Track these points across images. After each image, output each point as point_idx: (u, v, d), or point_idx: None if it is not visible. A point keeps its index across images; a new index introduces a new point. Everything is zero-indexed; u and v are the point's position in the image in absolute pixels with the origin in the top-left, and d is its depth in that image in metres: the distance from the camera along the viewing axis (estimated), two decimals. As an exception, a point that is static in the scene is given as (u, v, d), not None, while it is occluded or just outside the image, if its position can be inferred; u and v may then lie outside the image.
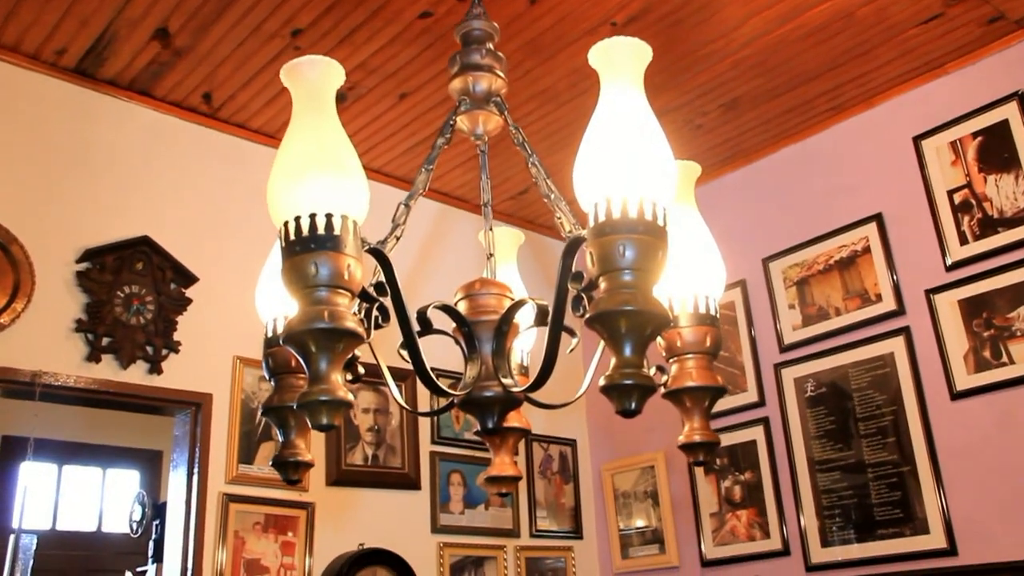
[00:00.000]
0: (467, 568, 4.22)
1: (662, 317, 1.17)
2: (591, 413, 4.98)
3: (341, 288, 1.21)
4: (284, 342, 1.19)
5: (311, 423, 1.16)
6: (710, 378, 1.52)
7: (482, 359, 1.44)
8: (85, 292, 3.47)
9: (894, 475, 3.77)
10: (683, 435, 1.54)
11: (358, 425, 4.05)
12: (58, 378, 3.35)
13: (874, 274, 4.00)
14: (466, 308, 1.48)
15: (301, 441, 1.53)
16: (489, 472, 1.69)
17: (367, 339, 1.23)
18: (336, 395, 1.16)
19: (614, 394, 1.15)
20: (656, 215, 1.22)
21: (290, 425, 1.52)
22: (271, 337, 1.56)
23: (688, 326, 1.55)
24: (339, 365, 1.19)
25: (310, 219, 1.22)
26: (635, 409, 1.15)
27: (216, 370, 3.73)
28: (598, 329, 1.19)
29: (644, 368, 1.17)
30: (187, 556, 3.50)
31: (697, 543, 4.37)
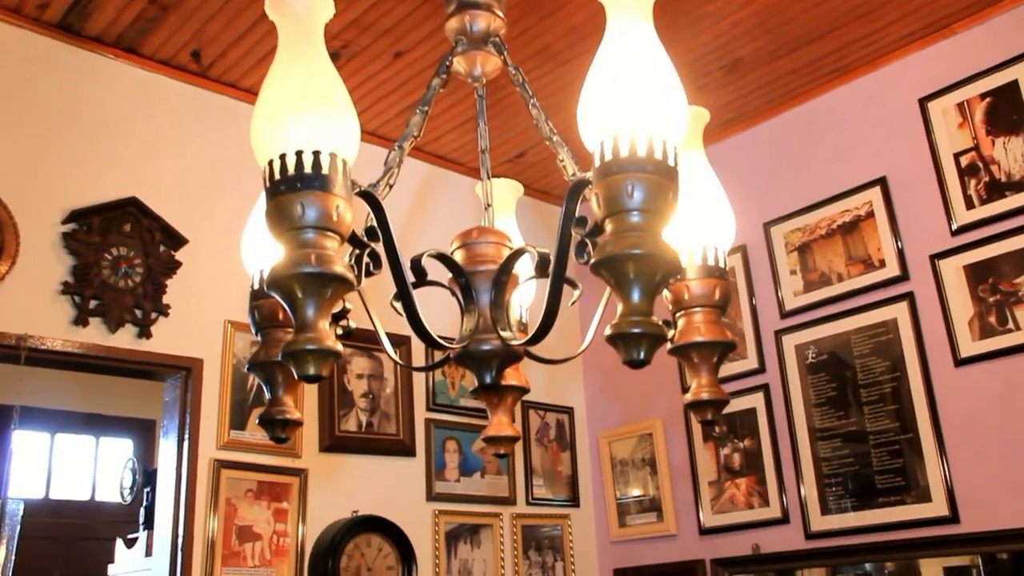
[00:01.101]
0: (462, 536, 4.17)
1: (673, 262, 1.10)
2: (588, 380, 4.92)
3: (329, 231, 1.13)
4: (268, 288, 1.12)
5: (297, 373, 1.09)
6: (719, 332, 1.45)
7: (479, 311, 1.37)
8: (71, 254, 3.39)
9: (896, 443, 3.72)
10: (690, 393, 1.47)
11: (352, 391, 3.98)
12: (44, 342, 3.27)
13: (877, 239, 3.92)
14: (463, 257, 1.41)
15: (289, 398, 1.45)
16: (487, 432, 1.62)
17: (357, 286, 1.15)
18: (324, 344, 1.08)
19: (621, 343, 1.08)
20: (666, 154, 1.14)
21: (277, 381, 1.45)
22: (257, 289, 1.49)
23: (696, 278, 1.47)
24: (327, 313, 1.12)
25: (296, 157, 1.14)
26: (643, 359, 1.08)
27: (207, 334, 3.66)
28: (604, 275, 1.11)
29: (653, 316, 1.09)
30: (178, 523, 3.44)
31: (695, 511, 4.32)
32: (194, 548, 3.41)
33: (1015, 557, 3.41)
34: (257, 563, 3.54)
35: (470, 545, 4.18)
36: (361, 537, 3.74)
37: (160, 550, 3.51)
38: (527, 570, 4.36)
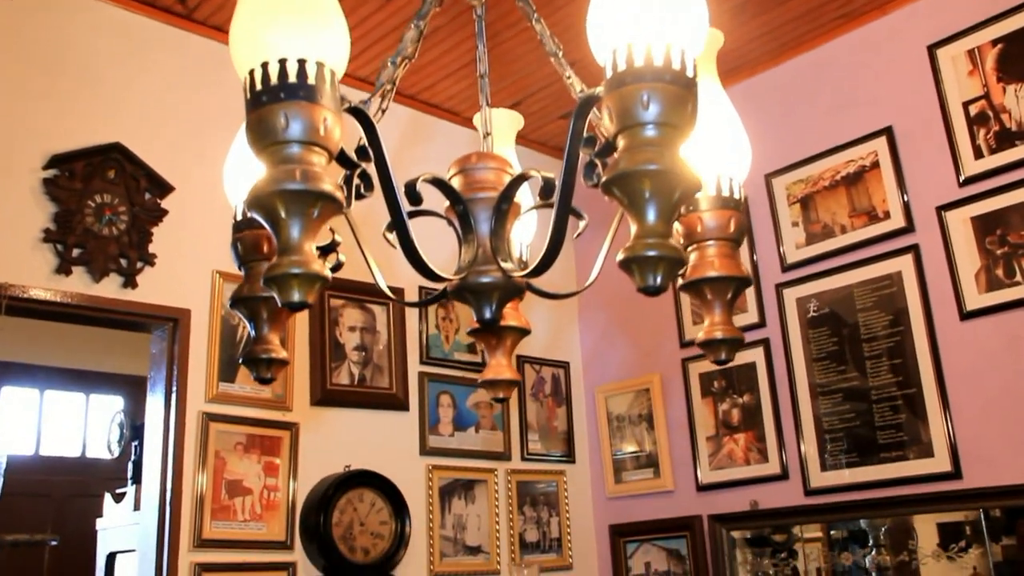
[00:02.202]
0: (456, 491, 4.11)
1: (692, 180, 1.00)
2: (585, 334, 4.84)
3: (316, 145, 1.04)
4: (249, 207, 1.02)
5: (280, 299, 1.00)
6: (734, 267, 1.36)
7: (478, 241, 1.27)
8: (53, 200, 3.28)
9: (898, 398, 3.65)
10: (703, 331, 1.39)
11: (344, 344, 3.90)
12: (25, 291, 3.17)
13: (882, 190, 3.83)
14: (461, 184, 1.31)
15: (275, 336, 1.36)
16: (485, 375, 1.53)
17: (346, 208, 1.05)
18: (310, 267, 0.99)
19: (635, 267, 0.98)
20: (685, 64, 1.04)
21: (262, 318, 1.35)
22: (240, 220, 1.40)
23: (709, 210, 1.38)
24: (313, 234, 1.02)
25: (280, 65, 1.05)
26: (660, 285, 0.98)
27: (194, 285, 3.56)
28: (616, 195, 1.02)
29: (671, 238, 1.00)
30: (166, 477, 3.37)
31: (693, 467, 4.26)
32: (183, 502, 3.34)
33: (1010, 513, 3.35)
34: (247, 517, 3.47)
35: (464, 500, 4.12)
36: (353, 492, 3.68)
37: (148, 504, 3.44)
38: (522, 526, 4.30)
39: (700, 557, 4.13)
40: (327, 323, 3.86)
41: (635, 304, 4.62)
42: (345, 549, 3.59)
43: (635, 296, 4.29)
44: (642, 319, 4.57)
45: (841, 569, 3.86)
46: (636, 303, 4.61)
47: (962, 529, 3.52)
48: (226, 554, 3.39)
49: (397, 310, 4.08)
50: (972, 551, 3.43)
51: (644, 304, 4.57)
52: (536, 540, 4.34)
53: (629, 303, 4.66)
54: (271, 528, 3.52)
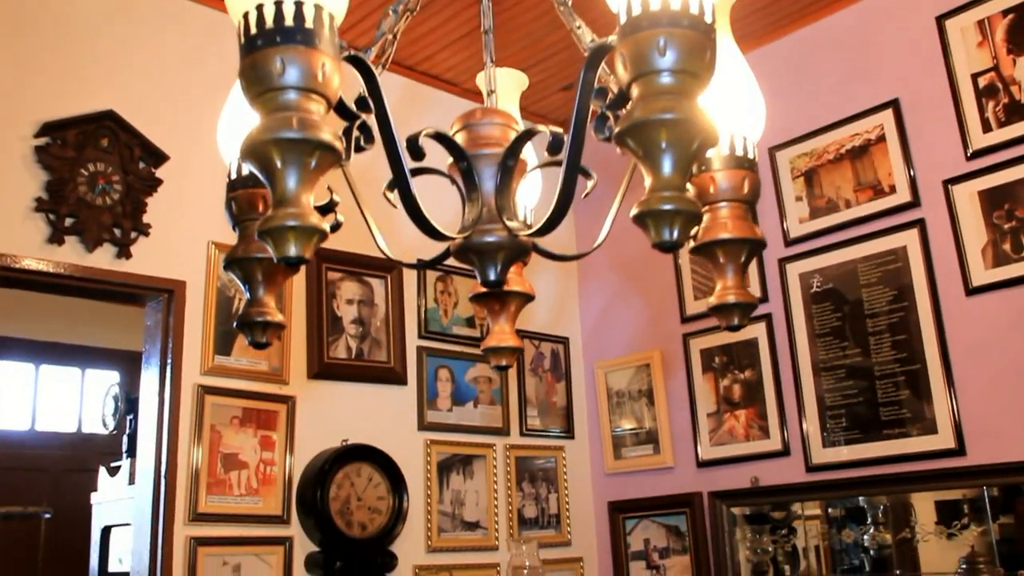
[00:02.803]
0: (455, 466, 4.07)
1: (711, 131, 0.95)
2: (585, 309, 4.79)
3: (314, 92, 0.98)
4: (243, 157, 0.97)
5: (276, 253, 0.94)
6: (747, 229, 1.31)
7: (483, 199, 1.22)
8: (45, 169, 3.21)
9: (902, 374, 3.61)
10: (715, 295, 1.33)
11: (341, 317, 3.85)
12: (17, 260, 3.12)
13: (888, 164, 3.77)
14: (465, 139, 1.25)
15: (270, 298, 1.31)
16: (487, 342, 1.48)
17: (345, 160, 1.00)
18: (307, 220, 0.94)
19: (650, 222, 0.93)
20: (703, 8, 0.99)
21: (257, 279, 1.30)
22: (234, 179, 1.34)
23: (723, 169, 1.33)
24: (310, 186, 0.97)
25: (276, 7, 0.99)
26: (676, 240, 0.93)
27: (190, 256, 3.51)
28: (630, 146, 0.97)
29: (688, 192, 0.94)
30: (161, 450, 3.33)
31: (693, 443, 4.22)
32: (178, 475, 3.30)
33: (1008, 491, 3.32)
34: (243, 492, 3.43)
35: (463, 476, 4.08)
36: (351, 466, 3.64)
37: (143, 478, 3.40)
38: (520, 502, 4.27)
39: (700, 534, 4.10)
40: (324, 296, 3.80)
41: (636, 279, 4.58)
42: (342, 524, 3.55)
43: (636, 270, 4.25)
44: (643, 294, 4.52)
45: (841, 546, 3.83)
46: (637, 277, 4.57)
47: (962, 507, 3.49)
48: (222, 528, 3.36)
49: (395, 283, 4.03)
50: (972, 529, 3.40)
51: (645, 278, 4.52)
52: (535, 516, 4.31)
53: (630, 277, 4.61)
54: (267, 502, 3.49)
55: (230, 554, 3.36)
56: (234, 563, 3.37)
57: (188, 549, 3.25)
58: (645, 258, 4.54)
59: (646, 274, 4.52)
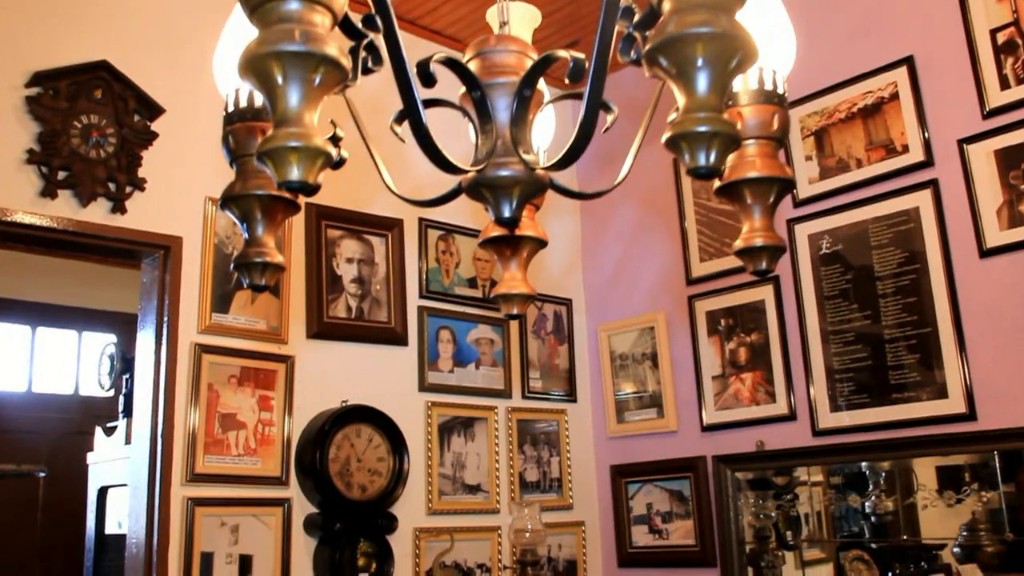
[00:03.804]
0: (456, 429, 4.01)
1: (751, 45, 0.87)
2: (588, 271, 4.72)
3: (318, 3, 0.90)
4: (242, 73, 0.89)
5: (278, 176, 0.86)
6: (777, 167, 1.23)
7: (497, 131, 1.14)
8: (37, 120, 3.12)
9: (913, 337, 3.54)
10: (741, 238, 1.26)
11: (341, 275, 3.77)
12: (8, 214, 3.04)
13: (901, 122, 3.68)
14: (478, 68, 1.17)
15: (270, 238, 1.24)
16: (498, 289, 1.41)
17: (351, 79, 0.92)
18: (311, 141, 0.86)
19: (685, 145, 0.86)
20: (741, -84, 0.91)
21: (256, 218, 1.23)
22: (232, 112, 1.26)
23: (751, 104, 1.25)
24: (314, 105, 0.89)
25: (276, -90, 0.90)
26: (713, 165, 0.86)
27: (186, 211, 3.43)
28: (661, 65, 0.89)
29: (724, 113, 0.87)
30: (157, 409, 3.27)
31: (697, 407, 4.16)
32: (175, 435, 3.24)
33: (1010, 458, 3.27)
34: (241, 452, 3.38)
35: (464, 438, 4.03)
36: (350, 427, 3.58)
37: (140, 438, 3.34)
38: (522, 465, 4.22)
39: (704, 498, 4.05)
40: (323, 254, 3.73)
41: (640, 239, 4.50)
42: (342, 485, 3.50)
43: (641, 231, 4.16)
44: (647, 255, 4.45)
45: (846, 511, 3.79)
46: (641, 238, 4.49)
47: (970, 471, 3.44)
48: (219, 489, 3.30)
49: (396, 242, 3.95)
50: (974, 496, 3.36)
51: (650, 239, 4.45)
52: (536, 480, 4.26)
53: (634, 238, 4.53)
54: (266, 463, 3.43)
55: (228, 515, 3.31)
56: (232, 524, 3.32)
57: (186, 509, 3.20)
58: (650, 218, 4.47)
59: (651, 235, 4.44)
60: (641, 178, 4.51)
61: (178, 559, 3.17)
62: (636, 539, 4.30)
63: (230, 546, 3.30)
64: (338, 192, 3.79)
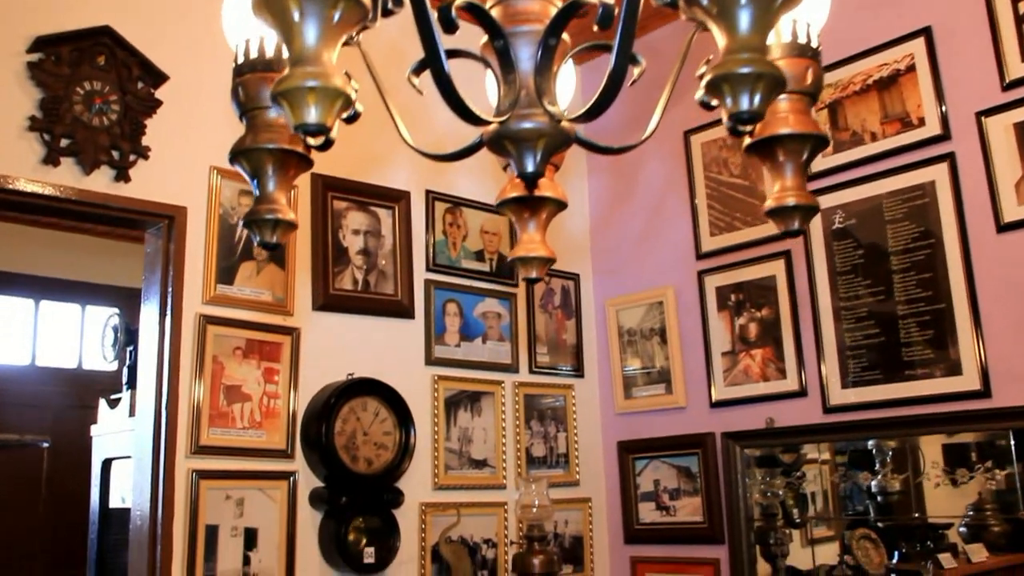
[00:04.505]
0: (463, 403, 3.97)
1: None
2: (596, 245, 4.66)
3: (336, -63, 0.85)
4: (256, 8, 0.84)
5: (294, 119, 0.81)
6: (810, 124, 1.18)
7: (520, 81, 1.09)
8: (39, 86, 3.07)
9: (927, 313, 3.49)
10: (772, 198, 1.21)
11: (347, 247, 3.72)
12: (10, 182, 2.98)
13: (918, 95, 3.62)
14: (501, 15, 1.12)
15: (281, 194, 1.19)
16: (516, 252, 1.36)
17: (370, 19, 0.87)
18: (330, 81, 0.81)
19: (726, 87, 0.81)
20: None
21: (267, 173, 1.18)
22: (242, 63, 1.21)
23: (783, 58, 1.20)
24: (333, 43, 0.84)
25: None
26: (756, 110, 0.80)
27: (191, 181, 3.37)
28: (701, 5, 0.84)
29: (767, 54, 0.82)
30: (161, 381, 3.23)
31: (706, 383, 4.12)
32: (179, 407, 3.20)
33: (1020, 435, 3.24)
34: (246, 425, 3.34)
35: (470, 413, 3.99)
36: (357, 400, 3.54)
37: (144, 409, 3.30)
38: (529, 440, 4.18)
39: (712, 475, 4.01)
40: (329, 225, 3.68)
41: (649, 213, 4.45)
42: (347, 459, 3.46)
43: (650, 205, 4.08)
44: (656, 229, 4.39)
45: (853, 490, 3.76)
46: (651, 212, 4.44)
47: (981, 450, 3.41)
48: (224, 461, 3.27)
49: (403, 214, 3.89)
50: (999, 471, 3.32)
51: (659, 213, 4.39)
52: (543, 455, 4.23)
53: (643, 212, 4.48)
54: (271, 436, 3.40)
55: (233, 488, 3.27)
56: (237, 497, 3.29)
57: (190, 482, 3.17)
58: (660, 192, 4.41)
59: (660, 209, 4.39)
60: (651, 151, 4.45)
61: (183, 532, 3.14)
62: (643, 516, 4.27)
63: (235, 519, 3.27)
64: (345, 163, 3.74)
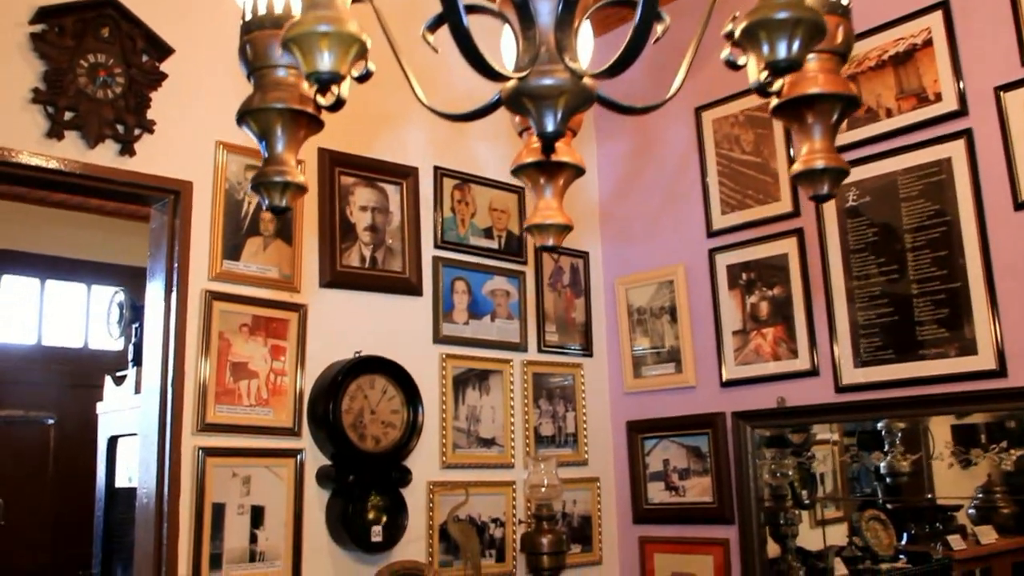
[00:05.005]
0: (471, 381, 3.94)
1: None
2: (606, 223, 4.62)
3: None
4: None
5: (306, 66, 0.77)
6: (840, 84, 1.14)
7: (540, 36, 1.04)
8: (42, 58, 3.02)
9: (942, 292, 3.44)
10: (800, 161, 1.16)
11: (355, 223, 3.68)
12: (14, 155, 2.94)
13: (935, 70, 3.55)
14: (520, -33, 1.07)
15: (290, 155, 1.14)
16: (532, 219, 1.32)
17: (387, -35, 0.82)
18: (344, 26, 0.76)
19: (763, 34, 0.76)
20: None
21: (276, 133, 1.13)
22: (251, 20, 1.16)
23: (814, 15, 1.14)
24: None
25: None
26: (794, 58, 0.76)
27: (196, 156, 3.33)
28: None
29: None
30: (167, 357, 3.20)
31: (717, 362, 4.08)
32: (185, 384, 3.18)
33: None
34: (253, 402, 3.31)
35: (478, 391, 3.96)
36: (364, 378, 3.51)
37: (150, 387, 3.28)
38: (537, 419, 4.15)
39: (722, 455, 3.98)
40: (337, 201, 3.63)
41: (660, 191, 4.40)
42: (355, 437, 3.43)
43: (660, 182, 4.02)
44: (667, 207, 4.35)
45: (863, 471, 3.73)
46: (661, 189, 4.39)
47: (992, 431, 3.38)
48: (231, 439, 3.24)
49: (411, 190, 3.85)
50: (1013, 451, 3.28)
51: (669, 190, 4.35)
52: (551, 434, 4.19)
53: (653, 189, 4.43)
54: (278, 414, 3.37)
55: (239, 465, 3.25)
56: (244, 475, 3.26)
57: (196, 459, 3.14)
58: (670, 169, 4.36)
59: (671, 186, 4.34)
60: (662, 127, 4.40)
61: (189, 509, 3.11)
62: (652, 496, 4.24)
63: (242, 497, 3.25)
64: (352, 138, 3.69)
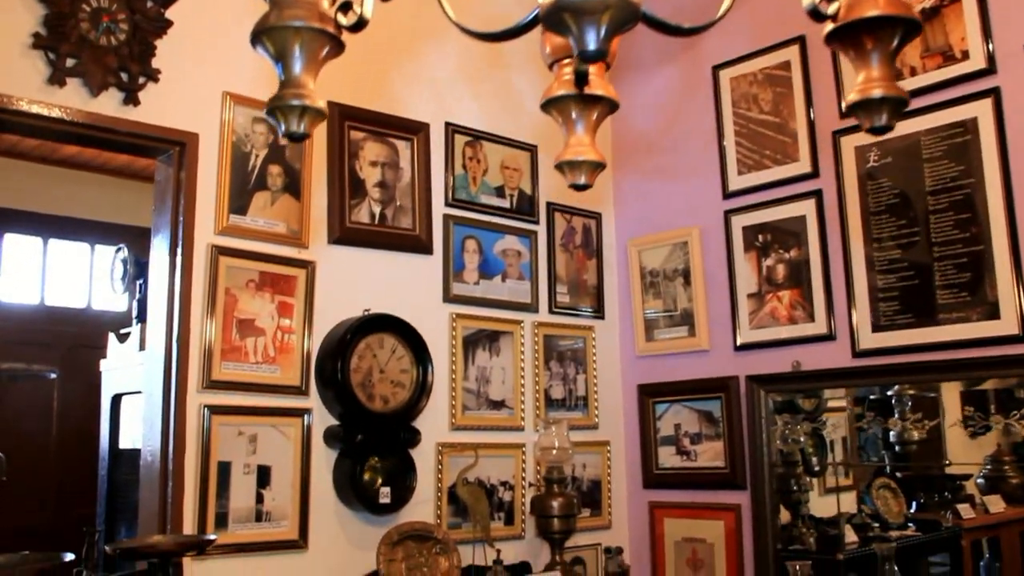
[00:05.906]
0: (481, 342, 3.87)
1: None
2: (619, 182, 4.52)
3: None
4: None
5: None
6: (901, 6, 1.06)
7: (583, -53, 0.95)
8: (42, 2, 2.93)
9: (964, 255, 3.36)
10: (855, 90, 1.08)
11: (364, 179, 3.60)
12: (14, 102, 2.86)
13: (962, 27, 3.45)
14: None
15: (309, 78, 1.06)
16: (563, 155, 1.24)
17: None
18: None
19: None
20: None
21: (293, 54, 1.05)
22: (265, -67, 1.08)
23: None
24: None
25: None
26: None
27: (202, 107, 3.25)
28: None
29: None
30: (172, 313, 3.13)
31: (731, 326, 4.01)
32: (191, 341, 3.11)
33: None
34: (259, 359, 3.25)
35: (488, 352, 3.89)
36: (373, 337, 3.44)
37: (155, 343, 3.21)
38: (548, 382, 4.09)
39: (735, 420, 3.92)
40: (346, 156, 3.55)
41: (674, 151, 4.31)
42: (363, 397, 3.37)
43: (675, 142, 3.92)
44: (681, 167, 4.26)
45: (872, 438, 3.69)
46: (676, 149, 4.30)
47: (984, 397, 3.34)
48: (237, 397, 3.18)
49: (422, 146, 3.76)
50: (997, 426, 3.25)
51: (684, 150, 4.26)
52: (562, 397, 4.13)
53: (668, 149, 4.34)
54: (285, 372, 3.30)
55: (246, 424, 3.19)
56: (250, 433, 3.20)
57: (202, 417, 3.08)
58: (686, 129, 4.26)
59: (686, 146, 4.24)
60: (678, 86, 4.30)
61: (194, 468, 3.06)
62: (663, 460, 4.18)
63: (248, 456, 3.19)
64: (362, 92, 3.60)
